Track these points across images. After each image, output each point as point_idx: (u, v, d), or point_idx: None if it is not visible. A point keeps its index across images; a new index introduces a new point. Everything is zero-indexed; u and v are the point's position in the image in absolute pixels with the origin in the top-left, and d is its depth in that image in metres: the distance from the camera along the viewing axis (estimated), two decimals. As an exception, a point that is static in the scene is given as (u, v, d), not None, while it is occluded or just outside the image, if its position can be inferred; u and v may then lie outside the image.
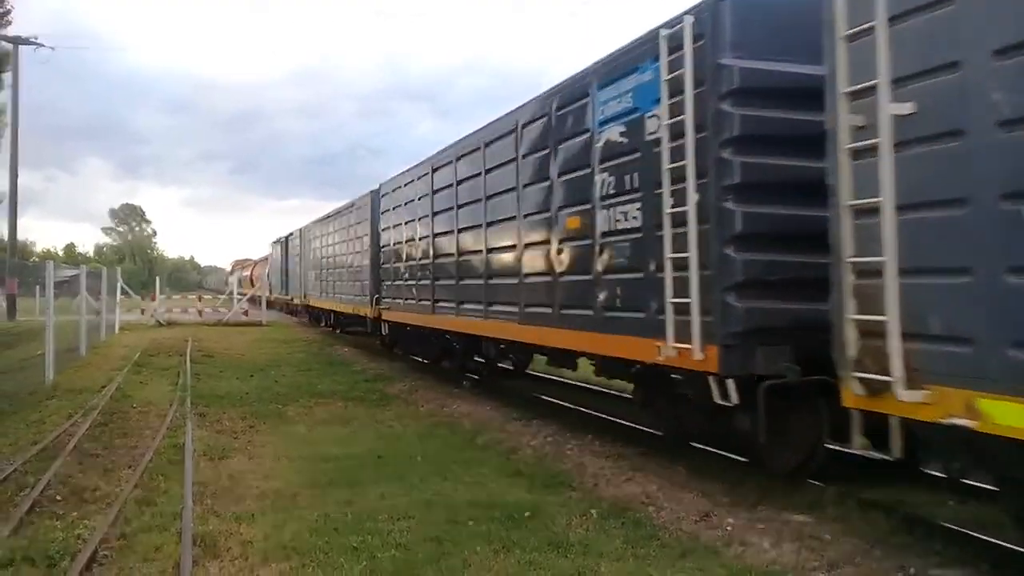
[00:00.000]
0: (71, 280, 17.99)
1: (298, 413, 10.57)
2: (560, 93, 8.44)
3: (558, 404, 10.88)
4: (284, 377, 14.48)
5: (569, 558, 4.96)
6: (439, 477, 6.99)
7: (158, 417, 9.92)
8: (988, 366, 3.89)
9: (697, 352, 5.90)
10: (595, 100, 7.53)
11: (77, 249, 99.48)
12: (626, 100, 6.97)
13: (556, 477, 6.99)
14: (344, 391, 12.54)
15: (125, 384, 12.93)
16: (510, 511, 5.89)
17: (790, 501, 6.07)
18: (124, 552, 5.08)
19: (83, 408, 10.40)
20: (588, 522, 5.70)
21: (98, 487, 6.57)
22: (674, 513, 5.96)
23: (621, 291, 7.14)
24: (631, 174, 6.91)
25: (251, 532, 5.46)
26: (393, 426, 9.63)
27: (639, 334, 6.76)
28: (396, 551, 5.06)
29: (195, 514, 5.80)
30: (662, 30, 6.33)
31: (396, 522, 5.67)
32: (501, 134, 10.03)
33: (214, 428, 9.37)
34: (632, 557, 4.98)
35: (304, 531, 5.48)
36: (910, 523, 5.49)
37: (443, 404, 11.21)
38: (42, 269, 15.05)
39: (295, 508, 6.09)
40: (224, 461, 7.66)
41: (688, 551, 5.10)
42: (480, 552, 5.05)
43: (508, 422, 9.73)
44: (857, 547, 5.11)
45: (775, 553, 5.08)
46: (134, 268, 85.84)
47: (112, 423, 9.46)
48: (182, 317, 32.72)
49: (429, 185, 12.94)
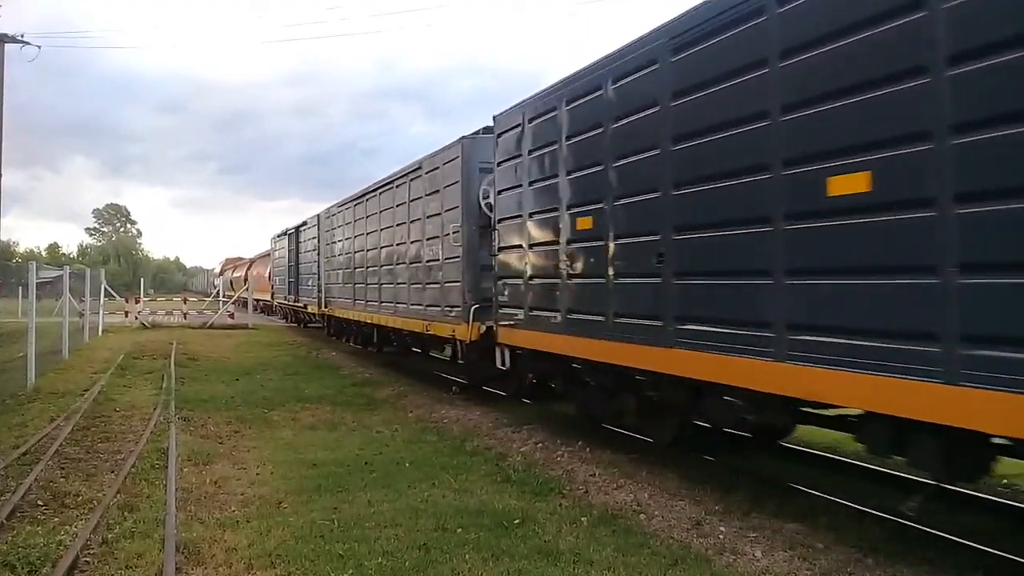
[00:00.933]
0: (54, 281, 17.79)
1: (284, 418, 10.47)
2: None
3: (551, 411, 10.78)
4: (270, 381, 14.36)
5: (559, 566, 4.90)
6: (427, 483, 6.91)
7: (142, 421, 9.79)
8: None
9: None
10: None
11: (60, 249, 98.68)
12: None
13: (546, 484, 6.93)
14: (331, 396, 12.43)
15: (108, 387, 12.78)
16: (499, 518, 5.83)
17: (782, 509, 6.04)
18: (106, 559, 4.99)
19: (65, 411, 10.27)
20: (578, 530, 5.65)
21: (80, 492, 6.47)
22: (665, 521, 5.91)
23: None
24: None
25: (236, 539, 5.38)
26: (381, 432, 9.54)
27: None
28: (383, 559, 4.99)
29: (178, 520, 5.71)
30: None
31: (383, 529, 5.60)
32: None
33: (198, 433, 9.26)
34: (623, 565, 4.93)
35: (290, 538, 5.40)
36: (902, 531, 5.48)
37: (432, 410, 11.12)
38: (25, 270, 14.86)
39: (280, 515, 6.00)
40: (208, 466, 7.56)
41: (679, 559, 5.06)
42: (469, 560, 4.98)
43: (498, 428, 9.66)
44: (850, 556, 5.08)
45: (767, 562, 5.04)
46: (118, 269, 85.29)
47: (95, 427, 9.34)
48: (166, 320, 32.47)
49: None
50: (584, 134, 7.74)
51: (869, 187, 4.58)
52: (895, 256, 4.47)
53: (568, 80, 8.12)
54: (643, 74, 6.80)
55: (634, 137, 6.89)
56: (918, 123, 4.32)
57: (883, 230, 4.52)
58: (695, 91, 6.11)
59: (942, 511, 5.95)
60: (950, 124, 4.14)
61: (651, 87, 6.68)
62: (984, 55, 3.97)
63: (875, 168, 4.56)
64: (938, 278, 4.18)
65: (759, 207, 5.40)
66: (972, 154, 4.04)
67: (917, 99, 4.33)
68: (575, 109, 7.94)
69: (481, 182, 11.03)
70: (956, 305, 4.10)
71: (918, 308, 4.32)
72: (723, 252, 5.83)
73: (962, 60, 4.08)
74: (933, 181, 4.23)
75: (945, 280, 4.15)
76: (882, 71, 4.52)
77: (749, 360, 5.46)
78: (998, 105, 3.93)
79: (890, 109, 4.50)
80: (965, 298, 4.07)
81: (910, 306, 4.38)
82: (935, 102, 4.22)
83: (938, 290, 4.19)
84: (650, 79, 6.70)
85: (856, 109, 4.68)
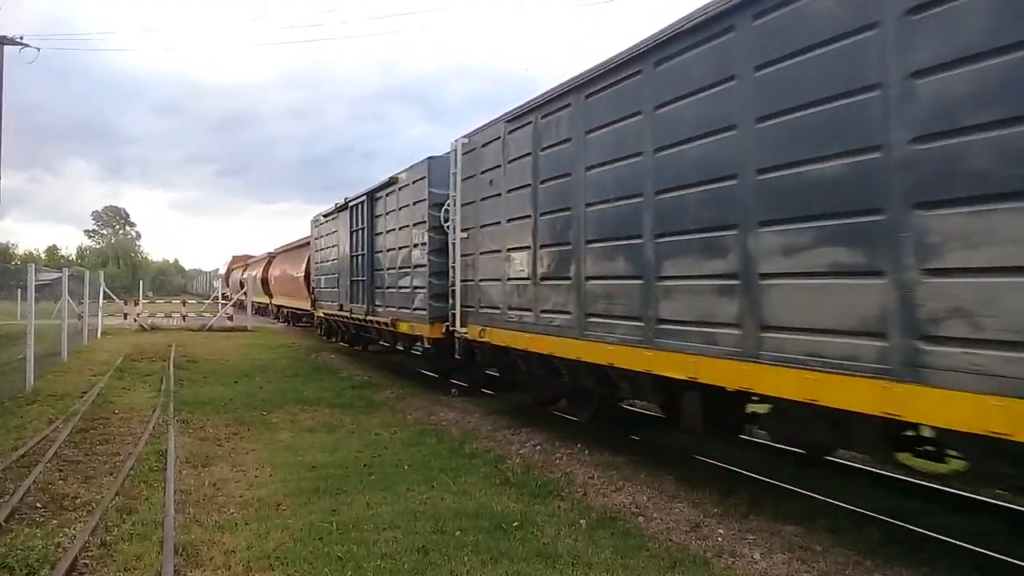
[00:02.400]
0: (53, 283, 17.78)
1: (283, 420, 10.46)
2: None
3: (550, 415, 10.79)
4: (269, 383, 14.34)
5: (558, 568, 4.90)
6: (426, 486, 6.91)
7: (140, 423, 9.79)
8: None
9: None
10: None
11: (59, 251, 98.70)
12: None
13: (545, 486, 6.93)
14: (330, 398, 12.43)
15: (107, 390, 12.77)
16: (498, 521, 5.83)
17: (781, 511, 6.04)
18: (104, 561, 4.99)
19: (64, 414, 10.27)
20: (577, 532, 5.65)
21: (79, 494, 6.46)
22: (664, 523, 5.92)
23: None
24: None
25: (234, 541, 5.37)
26: (380, 434, 9.54)
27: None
28: (382, 561, 4.99)
29: (177, 523, 5.71)
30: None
31: (382, 532, 5.60)
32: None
33: (197, 435, 9.25)
34: (621, 568, 4.93)
35: (288, 540, 5.39)
36: (901, 534, 5.48)
37: (430, 412, 11.12)
38: (23, 272, 14.85)
39: (279, 517, 6.00)
40: (207, 469, 7.55)
41: (678, 562, 5.06)
42: (467, 562, 4.98)
43: (496, 431, 9.66)
44: (848, 558, 5.08)
45: (766, 564, 5.04)
46: (117, 271, 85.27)
47: (93, 429, 9.33)
48: (165, 322, 32.44)
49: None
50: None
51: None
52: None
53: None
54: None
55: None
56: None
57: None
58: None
59: (940, 513, 5.96)
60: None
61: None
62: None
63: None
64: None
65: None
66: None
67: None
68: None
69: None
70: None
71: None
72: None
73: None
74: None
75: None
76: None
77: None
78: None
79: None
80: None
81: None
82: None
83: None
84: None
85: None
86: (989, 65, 3.85)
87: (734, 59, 5.50)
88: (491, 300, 9.79)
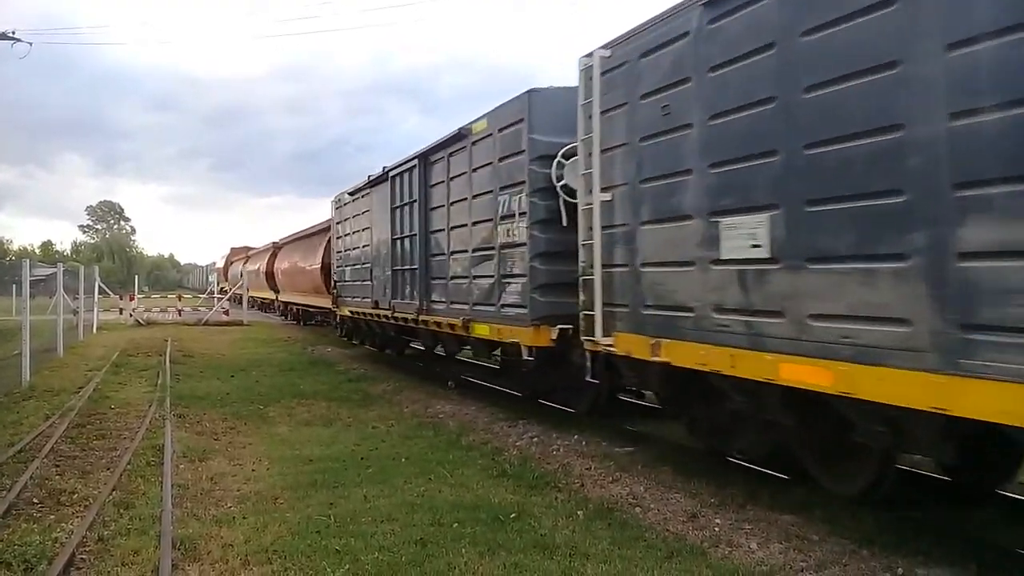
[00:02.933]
0: (48, 279, 17.74)
1: (280, 414, 10.46)
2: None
3: (546, 405, 10.78)
4: (265, 377, 14.34)
5: (555, 560, 4.91)
6: (423, 478, 6.92)
7: (137, 418, 9.77)
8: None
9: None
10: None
11: (54, 247, 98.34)
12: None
13: (542, 478, 6.95)
14: (327, 391, 12.43)
15: (103, 385, 12.75)
16: (495, 513, 5.84)
17: (777, 501, 6.06)
18: (102, 556, 4.99)
19: (60, 409, 10.25)
20: (574, 523, 5.66)
21: (76, 490, 6.45)
22: (661, 514, 5.93)
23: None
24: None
25: (231, 535, 5.37)
26: (377, 427, 9.54)
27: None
28: (379, 554, 4.99)
29: (174, 517, 5.71)
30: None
31: (379, 524, 5.60)
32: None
33: (194, 429, 9.25)
34: (618, 558, 4.94)
35: (286, 534, 5.40)
36: (897, 523, 5.50)
37: (427, 405, 11.13)
38: (18, 267, 14.81)
39: (276, 510, 6.00)
40: (204, 463, 7.55)
41: (675, 552, 5.07)
42: (465, 554, 4.99)
43: (494, 423, 9.67)
44: (845, 547, 5.10)
45: (763, 554, 5.06)
46: (112, 266, 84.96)
47: (90, 424, 9.32)
48: (161, 317, 32.37)
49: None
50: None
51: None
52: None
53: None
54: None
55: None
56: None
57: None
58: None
59: (937, 502, 5.99)
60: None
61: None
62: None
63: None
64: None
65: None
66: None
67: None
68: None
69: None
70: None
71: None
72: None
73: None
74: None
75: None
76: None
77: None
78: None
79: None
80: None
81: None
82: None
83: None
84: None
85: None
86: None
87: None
88: (671, 296, 6.38)
